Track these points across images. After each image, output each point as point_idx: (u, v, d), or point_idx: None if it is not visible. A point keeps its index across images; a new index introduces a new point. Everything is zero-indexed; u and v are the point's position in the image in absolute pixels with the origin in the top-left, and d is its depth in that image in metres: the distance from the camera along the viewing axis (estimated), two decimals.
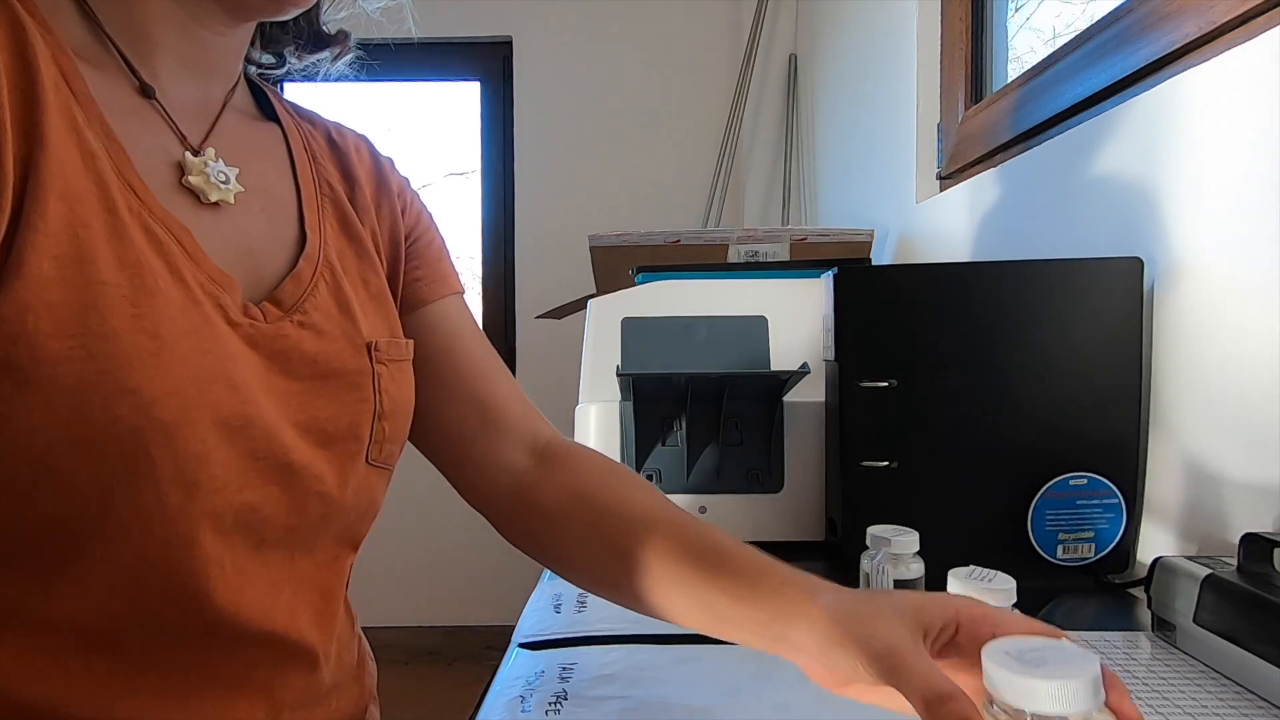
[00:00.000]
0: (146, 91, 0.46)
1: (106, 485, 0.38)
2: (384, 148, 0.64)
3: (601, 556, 0.52)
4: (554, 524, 0.56)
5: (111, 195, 0.40)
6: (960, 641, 0.37)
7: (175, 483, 0.40)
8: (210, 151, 0.48)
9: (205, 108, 0.50)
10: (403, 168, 0.64)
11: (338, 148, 0.58)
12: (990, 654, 0.29)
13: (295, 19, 0.56)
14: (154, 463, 0.39)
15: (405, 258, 0.59)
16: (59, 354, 0.36)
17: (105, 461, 0.37)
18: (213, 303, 0.43)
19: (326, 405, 0.49)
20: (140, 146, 0.43)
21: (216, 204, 0.47)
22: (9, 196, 0.36)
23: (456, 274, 0.63)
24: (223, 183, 0.47)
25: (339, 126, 0.61)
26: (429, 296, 0.60)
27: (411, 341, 0.56)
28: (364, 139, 0.62)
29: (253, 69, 0.58)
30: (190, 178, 0.46)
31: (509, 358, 2.48)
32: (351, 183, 0.57)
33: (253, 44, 0.57)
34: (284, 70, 0.60)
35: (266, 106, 0.56)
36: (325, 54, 0.60)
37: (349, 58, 0.61)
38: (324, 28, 0.58)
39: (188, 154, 0.47)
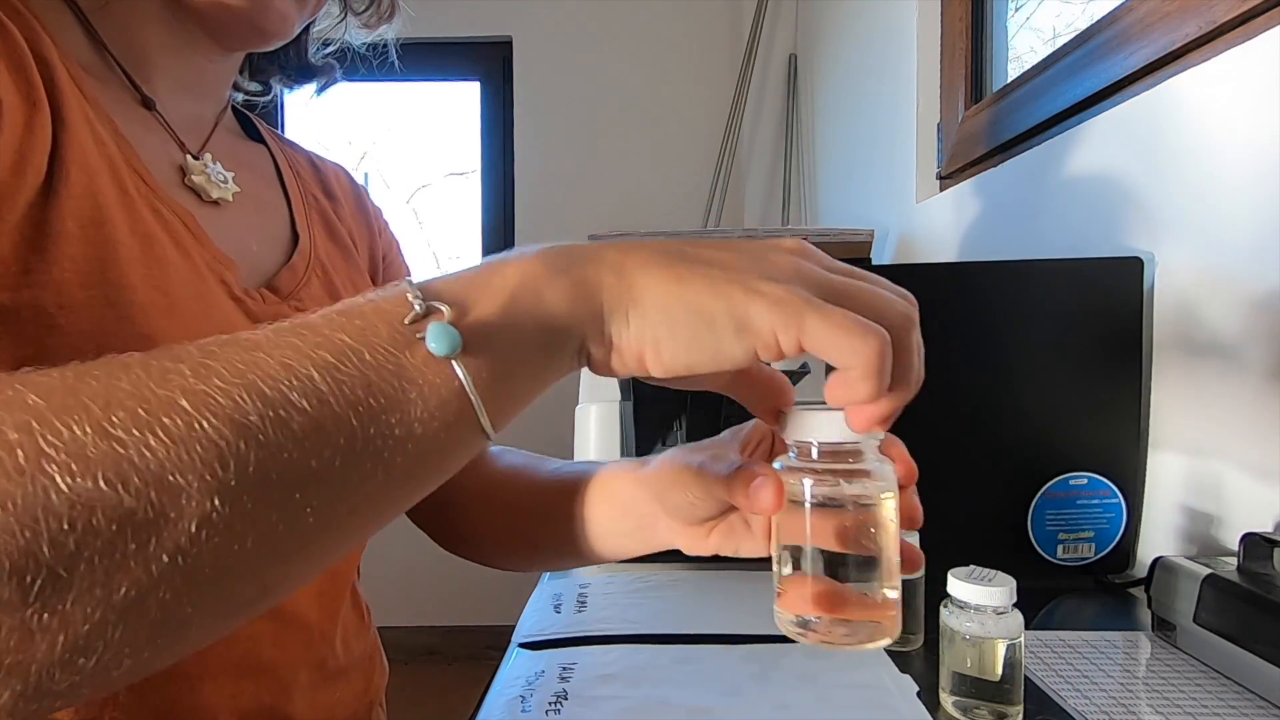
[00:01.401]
0: (147, 103, 0.49)
1: None
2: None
3: (502, 524, 0.56)
4: (466, 508, 0.59)
5: (121, 176, 0.42)
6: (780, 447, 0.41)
7: None
8: (208, 156, 0.51)
9: (199, 123, 0.53)
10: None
11: (319, 170, 0.63)
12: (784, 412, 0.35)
13: (284, 51, 0.60)
14: None
15: (380, 277, 0.63)
16: (82, 301, 0.38)
17: None
18: (216, 278, 0.46)
19: None
20: (144, 147, 0.46)
21: (216, 202, 0.50)
22: (44, 163, 0.38)
23: None
24: (221, 182, 0.50)
25: (319, 156, 0.65)
26: None
27: None
28: (342, 168, 0.66)
29: (240, 96, 0.61)
30: (193, 177, 0.49)
31: None
32: (333, 200, 0.61)
33: (241, 72, 0.60)
34: (270, 97, 0.64)
35: (251, 130, 0.60)
36: (311, 84, 0.64)
37: (334, 85, 0.65)
38: (311, 60, 0.62)
39: (189, 157, 0.50)
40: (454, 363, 0.28)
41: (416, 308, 0.28)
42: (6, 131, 0.37)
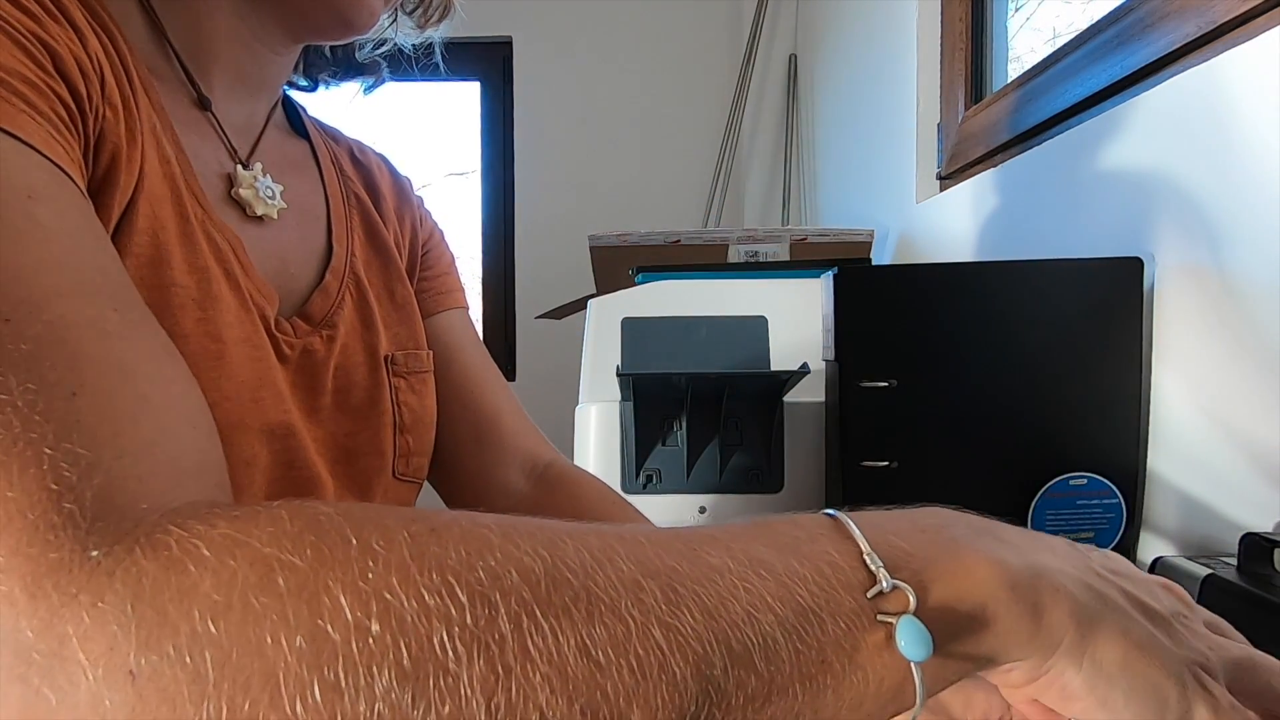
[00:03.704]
0: (204, 103, 0.47)
1: None
2: (385, 149, 0.65)
3: None
4: None
5: (182, 200, 0.41)
6: None
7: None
8: (258, 166, 0.49)
9: (250, 122, 0.51)
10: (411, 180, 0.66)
11: (361, 164, 0.60)
12: None
13: (338, 47, 0.58)
14: None
15: (418, 267, 0.61)
16: None
17: None
18: (259, 312, 0.44)
19: (347, 422, 0.50)
20: (198, 157, 0.44)
21: (260, 218, 0.48)
22: (129, 199, 0.37)
23: (462, 289, 0.65)
24: (269, 198, 0.48)
25: (360, 145, 0.63)
26: (432, 309, 0.61)
27: (432, 352, 0.57)
28: (383, 158, 0.64)
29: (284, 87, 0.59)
30: (241, 190, 0.47)
31: (509, 357, 2.48)
32: (375, 194, 0.59)
33: (295, 68, 0.58)
34: (314, 91, 0.62)
35: (296, 122, 0.58)
36: (358, 81, 0.62)
37: (381, 86, 0.63)
38: (359, 58, 0.60)
39: (239, 167, 0.48)
40: (915, 666, 0.25)
41: (883, 584, 0.26)
42: (123, 180, 0.36)
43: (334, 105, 0.65)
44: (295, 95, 0.59)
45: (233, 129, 0.49)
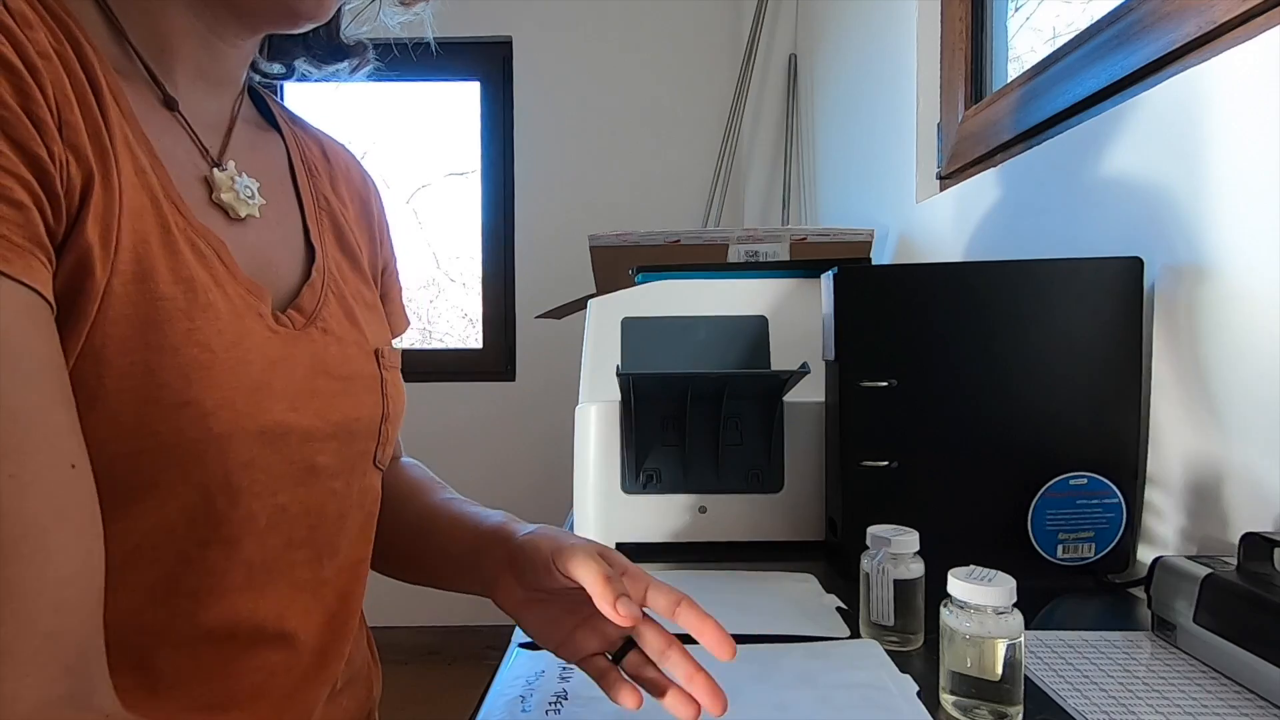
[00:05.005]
0: (170, 104, 0.47)
1: (162, 494, 0.39)
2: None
3: (384, 542, 0.60)
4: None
5: (162, 210, 0.41)
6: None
7: (223, 488, 0.41)
8: (232, 165, 0.49)
9: (218, 118, 0.51)
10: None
11: (330, 163, 0.60)
12: None
13: (313, 31, 0.57)
14: (208, 470, 0.40)
15: (380, 289, 0.61)
16: (122, 369, 0.37)
17: (162, 470, 0.38)
18: (252, 313, 0.45)
19: (354, 406, 0.51)
20: (172, 160, 0.44)
21: (243, 218, 0.48)
22: (115, 221, 0.37)
23: (405, 311, 0.67)
24: (249, 198, 0.49)
25: (330, 140, 0.63)
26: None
27: (399, 351, 0.58)
28: (352, 158, 0.64)
29: (256, 77, 0.58)
30: (222, 194, 0.47)
31: (509, 357, 2.48)
32: (342, 202, 0.59)
33: (261, 51, 0.57)
34: (293, 78, 0.61)
35: (266, 113, 0.57)
36: (343, 64, 0.61)
37: (368, 69, 0.62)
38: (343, 40, 0.59)
39: (215, 170, 0.48)
40: None
41: None
42: (103, 203, 0.37)
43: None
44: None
45: (201, 127, 0.49)
